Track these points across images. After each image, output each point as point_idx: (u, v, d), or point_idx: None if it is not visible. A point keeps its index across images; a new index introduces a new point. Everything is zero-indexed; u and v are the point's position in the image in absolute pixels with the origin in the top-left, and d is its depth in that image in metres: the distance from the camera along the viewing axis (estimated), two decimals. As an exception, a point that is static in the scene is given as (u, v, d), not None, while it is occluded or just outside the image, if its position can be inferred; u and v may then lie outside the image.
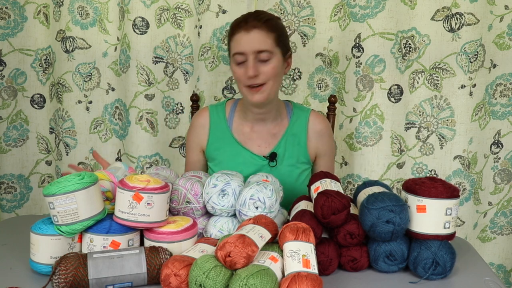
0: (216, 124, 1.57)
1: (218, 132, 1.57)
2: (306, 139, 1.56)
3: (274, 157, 1.53)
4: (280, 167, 1.54)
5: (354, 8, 1.84)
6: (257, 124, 1.55)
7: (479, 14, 1.78)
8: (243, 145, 1.55)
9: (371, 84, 1.88)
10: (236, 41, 1.42)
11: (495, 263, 2.06)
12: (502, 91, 1.91)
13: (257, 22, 1.40)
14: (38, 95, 2.08)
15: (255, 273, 0.93)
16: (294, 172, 1.54)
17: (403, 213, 1.10)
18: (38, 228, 1.08)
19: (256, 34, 1.40)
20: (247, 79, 1.41)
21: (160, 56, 1.95)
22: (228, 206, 1.22)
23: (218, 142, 1.56)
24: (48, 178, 2.16)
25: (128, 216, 1.08)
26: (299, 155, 1.55)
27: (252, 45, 1.39)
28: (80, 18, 1.97)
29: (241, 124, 1.56)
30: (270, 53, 1.41)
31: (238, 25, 1.43)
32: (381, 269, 1.15)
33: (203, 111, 1.61)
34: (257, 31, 1.40)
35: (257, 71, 1.40)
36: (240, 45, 1.40)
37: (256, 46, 1.39)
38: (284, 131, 1.56)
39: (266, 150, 1.55)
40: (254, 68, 1.39)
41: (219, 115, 1.58)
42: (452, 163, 1.89)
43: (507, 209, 2.01)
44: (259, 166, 1.53)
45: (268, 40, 1.41)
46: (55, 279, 0.99)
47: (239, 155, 1.54)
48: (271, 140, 1.55)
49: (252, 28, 1.40)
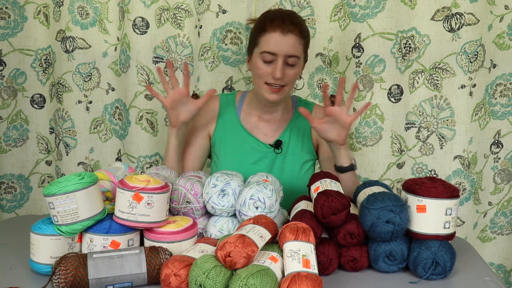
0: (225, 111, 1.61)
1: (226, 119, 1.60)
2: (310, 129, 1.60)
3: (279, 145, 1.57)
4: (285, 155, 1.57)
5: (354, 8, 1.84)
6: (264, 114, 1.59)
7: (479, 14, 1.78)
8: (250, 133, 1.58)
9: (371, 84, 1.88)
10: (270, 40, 1.42)
11: (495, 263, 2.06)
12: (502, 91, 1.91)
13: (294, 26, 1.42)
14: (38, 95, 2.08)
15: (255, 273, 0.93)
16: (298, 161, 1.58)
17: (403, 213, 1.10)
18: (38, 228, 1.08)
19: (291, 39, 1.42)
20: (271, 79, 1.44)
21: (160, 56, 1.95)
22: (228, 206, 1.22)
23: (226, 129, 1.60)
24: (48, 178, 2.15)
25: (128, 216, 1.08)
26: (303, 145, 1.59)
27: (286, 49, 1.41)
28: (80, 18, 1.97)
29: (249, 114, 1.60)
30: (298, 58, 1.44)
31: (274, 23, 1.43)
32: (381, 269, 1.15)
33: (214, 97, 1.63)
34: (292, 36, 1.42)
35: (284, 74, 1.43)
36: (274, 45, 1.42)
37: (289, 51, 1.42)
38: (289, 121, 1.61)
39: (272, 138, 1.59)
40: (282, 71, 1.42)
41: (229, 103, 1.62)
42: (452, 163, 1.89)
43: (507, 209, 2.01)
44: (265, 154, 1.57)
45: (300, 46, 1.44)
46: (55, 279, 0.99)
47: (246, 142, 1.58)
48: (277, 129, 1.60)
49: (288, 32, 1.41)
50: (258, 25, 1.48)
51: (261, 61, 1.45)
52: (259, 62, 1.45)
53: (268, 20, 1.45)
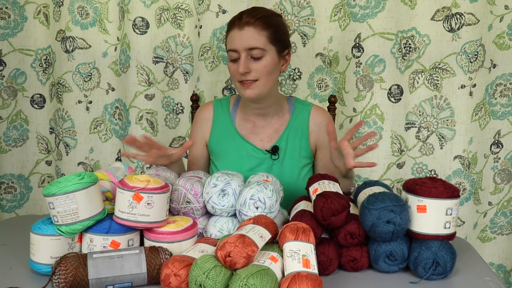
0: (220, 117, 1.59)
1: (221, 126, 1.58)
2: (308, 132, 1.56)
3: (276, 151, 1.54)
4: (282, 161, 1.55)
5: (354, 8, 1.84)
6: (259, 118, 1.56)
7: (479, 14, 1.78)
8: (246, 139, 1.56)
9: (371, 84, 1.88)
10: (230, 38, 1.44)
11: (495, 263, 2.06)
12: (502, 91, 1.91)
13: (251, 19, 1.41)
14: (38, 95, 2.08)
15: (255, 273, 0.93)
16: (296, 166, 1.56)
17: (403, 213, 1.10)
18: (38, 228, 1.08)
19: (248, 32, 1.40)
20: (239, 75, 1.43)
21: (160, 56, 1.95)
22: (228, 206, 1.22)
23: (221, 136, 1.57)
24: (48, 178, 2.16)
25: (128, 216, 1.08)
26: (301, 149, 1.56)
27: (243, 42, 1.40)
28: (80, 18, 1.97)
29: (244, 119, 1.58)
30: (262, 50, 1.41)
31: (233, 22, 1.44)
32: (382, 269, 1.15)
33: (208, 104, 1.62)
34: (249, 29, 1.40)
35: (248, 68, 1.41)
36: (233, 42, 1.42)
37: (247, 43, 1.40)
38: (286, 125, 1.56)
39: (268, 144, 1.56)
40: (245, 65, 1.41)
41: (223, 109, 1.60)
42: (452, 163, 1.89)
43: (507, 209, 2.01)
44: (261, 160, 1.54)
45: (260, 37, 1.41)
46: (55, 279, 0.99)
47: (242, 148, 1.55)
48: (273, 134, 1.56)
49: (245, 26, 1.41)
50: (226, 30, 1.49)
51: (229, 61, 1.46)
52: (228, 63, 1.46)
53: (230, 21, 1.46)
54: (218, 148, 1.57)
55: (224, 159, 1.56)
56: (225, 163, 1.55)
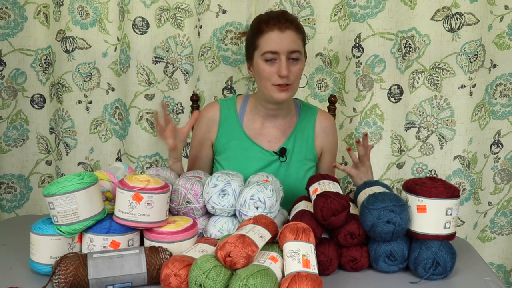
0: (227, 118, 1.58)
1: (228, 127, 1.58)
2: (314, 136, 1.58)
3: (283, 153, 1.55)
4: (289, 163, 1.55)
5: (354, 8, 1.84)
6: (267, 120, 1.57)
7: (479, 14, 1.78)
8: (253, 140, 1.56)
9: (371, 84, 1.88)
10: (269, 39, 1.42)
11: (495, 263, 2.05)
12: (502, 91, 1.91)
13: (290, 23, 1.43)
14: (38, 95, 2.08)
15: (255, 273, 0.93)
16: (302, 169, 1.56)
17: (403, 213, 1.10)
18: (38, 228, 1.08)
19: (290, 35, 1.42)
20: (278, 78, 1.43)
21: (160, 56, 1.95)
22: (228, 206, 1.22)
23: (228, 136, 1.57)
24: (48, 178, 2.15)
25: (128, 216, 1.08)
26: (306, 152, 1.57)
27: (286, 45, 1.41)
28: (80, 18, 1.97)
29: (252, 120, 1.58)
30: (299, 53, 1.44)
31: (270, 23, 1.43)
32: (382, 269, 1.15)
33: (214, 104, 1.61)
34: (290, 32, 1.43)
35: (289, 71, 1.42)
36: (274, 44, 1.42)
37: (290, 46, 1.42)
38: (293, 127, 1.58)
39: (276, 145, 1.56)
40: (287, 68, 1.42)
41: (230, 109, 1.59)
42: (452, 163, 1.89)
43: (507, 209, 2.01)
44: (269, 161, 1.55)
45: (299, 41, 1.45)
46: (55, 279, 0.99)
47: (249, 150, 1.55)
48: (280, 136, 1.57)
49: (286, 29, 1.42)
50: (254, 29, 1.48)
51: (263, 62, 1.44)
52: (262, 64, 1.44)
53: (263, 22, 1.45)
54: (225, 149, 1.57)
55: (230, 160, 1.56)
56: (231, 164, 1.55)
